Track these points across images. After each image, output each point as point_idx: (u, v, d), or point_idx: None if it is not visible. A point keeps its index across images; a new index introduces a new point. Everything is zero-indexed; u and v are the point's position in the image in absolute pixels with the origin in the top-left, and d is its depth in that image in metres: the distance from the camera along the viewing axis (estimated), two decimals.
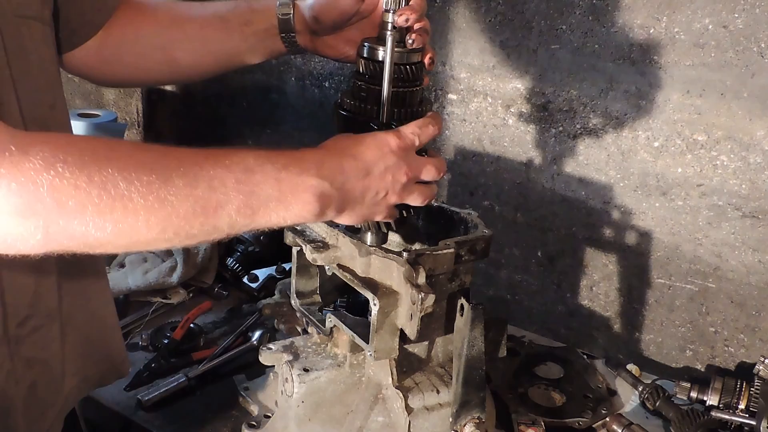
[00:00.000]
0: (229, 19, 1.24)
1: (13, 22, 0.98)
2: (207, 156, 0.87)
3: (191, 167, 0.84)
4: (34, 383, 1.05)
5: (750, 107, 1.52)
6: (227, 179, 0.86)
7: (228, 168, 0.86)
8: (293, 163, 0.93)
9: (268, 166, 0.90)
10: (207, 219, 0.85)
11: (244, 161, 0.88)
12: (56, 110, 1.08)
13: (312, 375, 1.28)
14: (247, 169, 0.88)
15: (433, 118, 1.09)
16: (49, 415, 1.10)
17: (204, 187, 0.84)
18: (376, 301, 1.13)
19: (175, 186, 0.81)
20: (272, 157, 0.91)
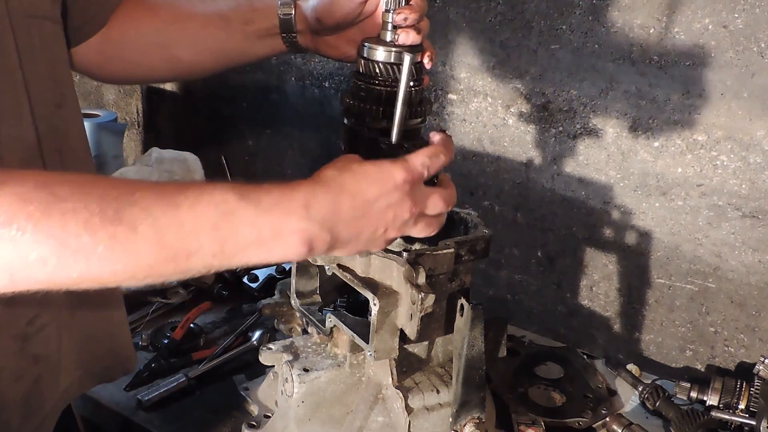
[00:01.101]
0: (231, 17, 1.24)
1: (24, 22, 0.98)
2: (182, 197, 0.80)
3: (161, 213, 0.78)
4: (38, 378, 1.06)
5: (750, 107, 1.52)
6: (202, 225, 0.80)
7: (204, 212, 0.80)
8: (280, 203, 0.85)
9: (251, 209, 0.82)
10: (178, 265, 0.80)
11: (223, 202, 0.81)
12: (63, 108, 1.09)
13: (312, 375, 1.28)
14: (226, 213, 0.81)
15: (444, 146, 1.01)
16: (47, 406, 1.10)
17: (174, 235, 0.78)
18: (376, 301, 1.13)
19: (143, 236, 0.76)
20: (256, 197, 0.83)
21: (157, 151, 2.09)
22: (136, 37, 1.24)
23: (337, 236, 0.89)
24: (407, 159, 0.95)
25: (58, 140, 1.07)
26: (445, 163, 1.01)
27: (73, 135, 1.11)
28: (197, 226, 0.79)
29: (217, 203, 0.81)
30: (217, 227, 0.80)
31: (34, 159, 1.00)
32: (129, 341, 1.28)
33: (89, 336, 1.16)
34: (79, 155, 1.12)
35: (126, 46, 1.24)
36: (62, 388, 1.13)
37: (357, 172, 0.91)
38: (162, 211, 0.78)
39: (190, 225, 0.79)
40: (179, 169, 2.02)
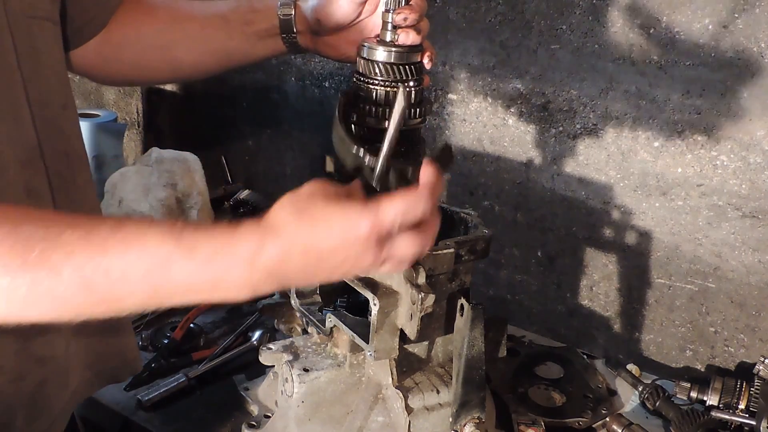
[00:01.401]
0: (230, 18, 1.24)
1: (24, 22, 0.98)
2: (113, 241, 0.75)
3: (88, 259, 0.74)
4: (44, 380, 1.06)
5: (750, 107, 1.52)
6: (132, 273, 0.75)
7: (134, 261, 0.75)
8: (220, 254, 0.77)
9: (186, 260, 0.76)
10: (110, 307, 0.78)
11: (156, 251, 0.76)
12: (68, 110, 1.09)
13: (312, 375, 1.28)
14: (158, 263, 0.76)
15: (430, 190, 0.85)
16: (55, 409, 1.10)
17: (102, 281, 0.75)
18: (376, 301, 1.13)
19: (68, 280, 0.74)
20: (194, 245, 0.77)
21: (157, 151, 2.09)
22: (136, 38, 1.24)
23: (286, 283, 0.84)
24: (379, 209, 0.81)
25: (63, 143, 1.07)
26: (426, 212, 0.85)
27: (74, 137, 1.12)
28: (127, 273, 0.76)
29: (150, 252, 0.76)
30: (150, 275, 0.76)
31: (35, 161, 1.00)
32: (134, 342, 1.29)
33: (97, 338, 1.16)
34: (81, 158, 1.12)
35: (125, 48, 1.24)
36: (70, 391, 1.13)
37: (316, 220, 0.81)
38: (89, 256, 0.75)
39: (119, 272, 0.75)
40: (179, 169, 2.02)
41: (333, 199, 0.82)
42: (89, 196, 1.15)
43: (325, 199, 0.82)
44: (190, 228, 0.78)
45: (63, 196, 1.05)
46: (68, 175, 1.07)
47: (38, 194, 1.01)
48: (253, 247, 0.78)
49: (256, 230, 0.79)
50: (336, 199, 0.82)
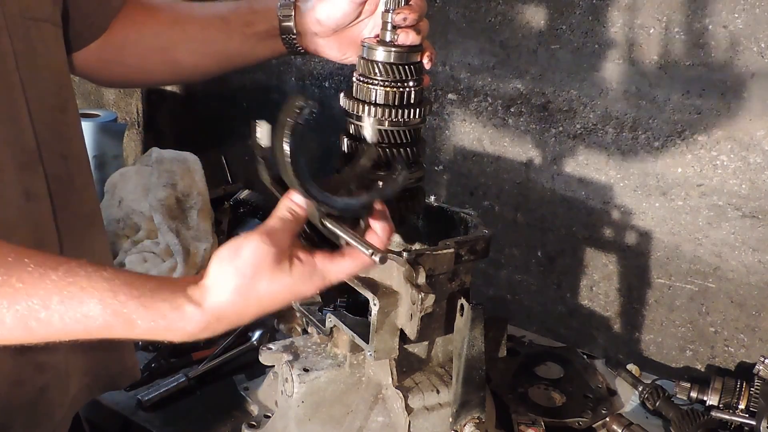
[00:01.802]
0: (231, 20, 1.24)
1: (22, 24, 0.98)
2: (59, 297, 0.80)
3: (29, 308, 0.80)
4: (45, 386, 1.05)
5: (750, 107, 1.52)
6: (73, 331, 0.83)
7: (75, 323, 0.82)
8: (159, 333, 0.85)
9: (127, 332, 0.84)
10: (49, 341, 0.84)
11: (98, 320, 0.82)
12: (68, 113, 1.08)
13: (312, 375, 1.28)
14: (99, 330, 0.83)
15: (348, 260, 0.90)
16: (57, 415, 1.10)
17: (43, 331, 0.82)
18: (376, 301, 1.13)
19: (9, 322, 0.80)
20: (135, 323, 0.83)
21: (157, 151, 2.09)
22: (137, 40, 1.23)
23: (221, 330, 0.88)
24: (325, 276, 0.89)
25: (62, 146, 1.06)
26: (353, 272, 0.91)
27: (75, 139, 1.11)
28: (67, 331, 0.82)
29: (91, 320, 0.81)
30: (89, 333, 0.83)
31: (34, 164, 1.00)
32: (132, 349, 1.29)
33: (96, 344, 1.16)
34: (81, 161, 1.12)
35: (126, 50, 1.23)
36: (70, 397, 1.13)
37: (262, 301, 0.86)
38: (30, 307, 0.79)
39: (59, 329, 0.82)
40: (179, 169, 2.02)
41: (277, 275, 0.85)
42: (88, 199, 1.15)
43: (271, 276, 0.85)
44: (133, 303, 0.81)
45: (61, 199, 1.05)
46: (66, 178, 1.07)
47: (36, 197, 1.00)
48: (193, 329, 0.85)
49: (200, 316, 0.84)
50: (280, 271, 0.85)
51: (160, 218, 1.92)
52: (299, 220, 0.91)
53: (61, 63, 1.08)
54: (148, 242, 1.92)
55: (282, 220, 0.89)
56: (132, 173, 2.03)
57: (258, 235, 0.86)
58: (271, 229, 0.88)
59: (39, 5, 1.02)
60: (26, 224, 0.99)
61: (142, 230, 1.94)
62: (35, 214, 1.00)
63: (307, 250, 0.90)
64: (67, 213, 1.06)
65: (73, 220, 1.07)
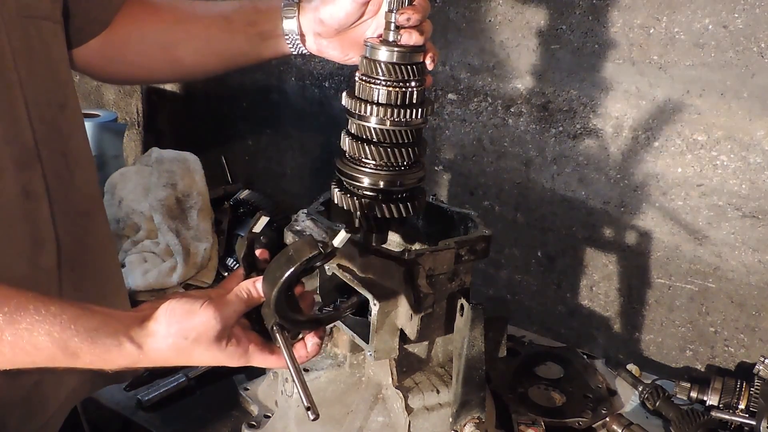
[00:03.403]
0: (234, 19, 1.24)
1: (20, 22, 0.98)
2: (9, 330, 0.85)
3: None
4: (39, 380, 1.06)
5: (750, 107, 1.52)
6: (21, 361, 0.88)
7: (25, 356, 0.87)
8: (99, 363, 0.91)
9: (71, 363, 0.89)
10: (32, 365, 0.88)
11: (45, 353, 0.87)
12: (67, 110, 1.08)
13: (312, 375, 1.28)
14: (46, 360, 0.88)
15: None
16: (50, 408, 1.10)
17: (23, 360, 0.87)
18: (376, 301, 1.13)
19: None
20: (79, 355, 0.89)
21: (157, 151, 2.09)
22: (139, 38, 1.23)
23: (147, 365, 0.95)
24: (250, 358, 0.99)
25: (61, 143, 1.06)
26: None
27: (75, 136, 1.11)
28: (15, 361, 0.88)
29: (39, 352, 0.87)
30: (36, 364, 0.89)
31: (32, 161, 1.00)
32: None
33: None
34: (81, 158, 1.12)
35: (128, 47, 1.23)
36: (68, 390, 1.13)
37: (192, 359, 0.95)
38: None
39: (9, 359, 0.87)
40: (179, 169, 2.02)
41: (213, 349, 0.94)
42: (89, 197, 1.14)
43: (207, 348, 0.94)
44: (78, 338, 0.87)
45: (60, 196, 1.05)
46: (66, 176, 1.07)
47: (35, 195, 1.00)
48: (129, 363, 0.92)
49: (137, 356, 0.91)
50: (216, 347, 0.94)
51: (160, 218, 1.92)
52: (251, 305, 0.99)
53: (60, 60, 1.08)
54: (148, 242, 1.92)
55: (238, 298, 0.98)
56: (132, 173, 2.03)
57: (213, 309, 0.94)
58: (225, 303, 0.96)
59: (37, 3, 1.02)
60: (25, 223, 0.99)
61: (142, 230, 1.95)
62: (33, 212, 1.00)
63: (243, 330, 0.99)
64: (66, 210, 1.06)
65: (72, 217, 1.07)
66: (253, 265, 1.05)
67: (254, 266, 1.04)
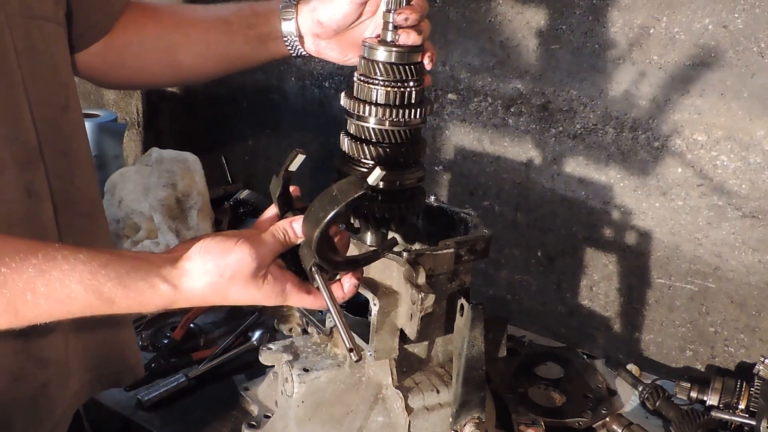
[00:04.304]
0: (233, 22, 1.24)
1: (23, 23, 0.98)
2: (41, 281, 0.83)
3: (18, 291, 0.82)
4: (46, 382, 1.06)
5: (750, 107, 1.52)
6: (58, 312, 0.86)
7: (59, 305, 0.85)
8: (136, 306, 0.89)
9: (108, 309, 0.87)
10: (37, 322, 0.86)
11: (80, 301, 0.85)
12: (69, 111, 1.08)
13: (312, 375, 1.28)
14: (82, 310, 0.87)
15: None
16: (58, 411, 1.10)
17: (31, 313, 0.84)
18: (376, 301, 1.13)
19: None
20: (115, 300, 0.87)
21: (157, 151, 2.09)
22: (139, 43, 1.23)
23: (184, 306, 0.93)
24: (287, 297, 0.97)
25: (62, 143, 1.07)
26: None
27: (76, 138, 1.11)
28: (52, 313, 0.85)
29: (74, 301, 0.85)
30: (72, 314, 0.87)
31: (35, 161, 1.00)
32: (136, 347, 1.29)
33: (99, 341, 1.16)
34: (82, 158, 1.12)
35: (129, 52, 1.23)
36: (72, 393, 1.13)
37: (228, 299, 0.93)
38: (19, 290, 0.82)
39: (46, 312, 0.85)
40: (179, 169, 2.02)
41: (249, 287, 0.92)
42: (90, 197, 1.15)
43: (244, 286, 0.92)
44: (111, 284, 0.85)
45: (62, 196, 1.05)
46: (67, 176, 1.07)
47: (38, 195, 1.01)
48: (165, 305, 0.90)
49: (173, 295, 0.89)
50: (253, 284, 0.92)
51: (160, 218, 1.92)
52: (288, 245, 0.96)
53: (63, 61, 1.08)
54: (148, 242, 1.92)
55: (274, 238, 0.95)
56: (132, 173, 2.03)
57: (248, 246, 0.91)
58: (261, 242, 0.93)
59: (40, 4, 1.02)
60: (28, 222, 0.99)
61: (142, 230, 1.95)
62: (37, 211, 1.01)
63: (280, 269, 0.97)
64: (68, 210, 1.06)
65: (74, 218, 1.08)
66: (289, 204, 1.01)
67: (290, 205, 1.01)
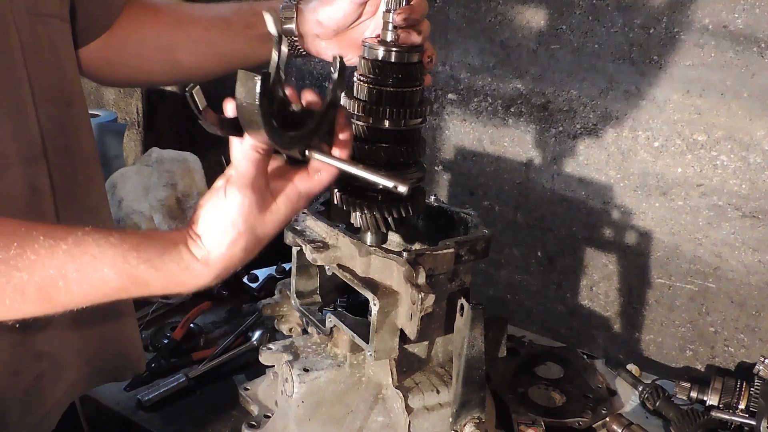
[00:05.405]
0: (233, 21, 1.24)
1: (29, 20, 0.98)
2: (72, 266, 0.83)
3: (49, 278, 0.82)
4: (40, 374, 1.06)
5: (750, 107, 1.52)
6: (92, 296, 0.86)
7: (92, 290, 0.85)
8: (171, 287, 0.88)
9: (143, 291, 0.87)
10: (70, 308, 0.86)
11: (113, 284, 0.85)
12: (73, 107, 1.09)
13: (312, 375, 1.28)
14: (117, 292, 0.86)
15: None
16: (48, 402, 1.10)
17: (63, 298, 0.84)
18: (376, 301, 1.13)
19: (31, 289, 0.81)
20: (149, 282, 0.86)
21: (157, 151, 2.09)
22: (139, 41, 1.24)
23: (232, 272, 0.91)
24: None
25: (67, 139, 1.07)
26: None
27: (81, 133, 1.12)
28: (87, 297, 0.85)
29: (106, 284, 0.84)
30: (107, 297, 0.86)
31: (38, 156, 1.01)
32: (139, 342, 1.29)
33: (98, 335, 1.16)
34: (86, 154, 1.13)
35: (128, 50, 1.24)
36: (67, 385, 1.13)
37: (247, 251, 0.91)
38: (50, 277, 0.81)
39: (81, 296, 0.85)
40: (179, 169, 2.02)
41: (267, 217, 0.90)
42: (93, 194, 1.15)
43: (263, 220, 0.90)
44: (144, 266, 0.85)
45: (64, 192, 1.05)
46: (70, 172, 1.07)
47: (41, 192, 1.01)
48: (206, 284, 0.89)
49: (208, 272, 0.88)
50: (269, 215, 0.90)
51: (160, 218, 1.92)
52: (268, 154, 0.91)
53: (67, 58, 1.09)
54: None
55: (254, 163, 0.89)
56: (132, 173, 2.03)
57: (239, 190, 0.88)
58: (246, 177, 0.89)
59: (46, 1, 1.02)
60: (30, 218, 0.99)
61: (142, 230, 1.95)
62: (39, 208, 1.01)
63: (282, 176, 0.92)
64: (71, 206, 1.07)
65: (77, 214, 1.08)
66: (227, 125, 0.96)
67: (227, 125, 0.96)
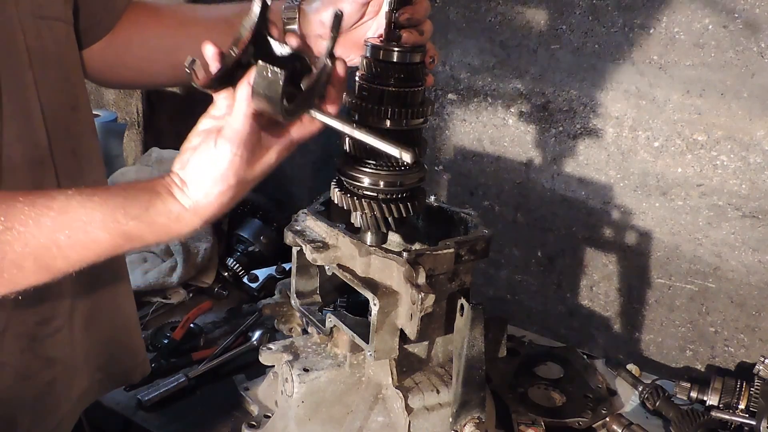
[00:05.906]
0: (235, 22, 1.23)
1: (35, 23, 0.98)
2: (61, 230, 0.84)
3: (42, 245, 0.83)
4: (52, 381, 1.06)
5: (750, 107, 1.52)
6: (84, 256, 0.87)
7: (85, 251, 0.86)
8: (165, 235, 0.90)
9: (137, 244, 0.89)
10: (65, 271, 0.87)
11: (106, 244, 0.87)
12: (79, 111, 1.09)
13: (312, 375, 1.28)
14: (112, 250, 0.88)
15: None
16: (62, 410, 1.10)
17: (61, 264, 0.86)
18: (376, 301, 1.13)
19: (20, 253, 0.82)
20: (143, 236, 0.88)
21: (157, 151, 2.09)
22: (141, 42, 1.23)
23: None
24: None
25: (72, 142, 1.07)
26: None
27: (86, 137, 1.12)
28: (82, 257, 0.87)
29: (100, 245, 0.86)
30: (101, 255, 0.88)
31: (45, 159, 1.01)
32: (142, 343, 1.30)
33: (108, 339, 1.17)
34: (91, 156, 1.13)
35: (130, 51, 1.23)
36: (79, 392, 1.13)
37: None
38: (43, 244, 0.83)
39: (76, 257, 0.86)
40: None
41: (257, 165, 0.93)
42: None
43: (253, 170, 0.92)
44: (134, 222, 0.87)
45: None
46: (77, 174, 1.08)
47: None
48: (192, 230, 0.91)
49: (199, 220, 0.90)
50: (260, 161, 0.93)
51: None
52: (250, 114, 0.92)
53: (72, 61, 1.09)
54: None
55: (245, 118, 0.91)
56: (132, 173, 2.03)
57: (232, 145, 0.90)
58: (241, 134, 0.91)
59: (51, 4, 1.02)
60: None
61: None
62: None
63: (276, 125, 0.93)
64: None
65: None
66: (222, 82, 0.98)
67: (222, 82, 0.97)
